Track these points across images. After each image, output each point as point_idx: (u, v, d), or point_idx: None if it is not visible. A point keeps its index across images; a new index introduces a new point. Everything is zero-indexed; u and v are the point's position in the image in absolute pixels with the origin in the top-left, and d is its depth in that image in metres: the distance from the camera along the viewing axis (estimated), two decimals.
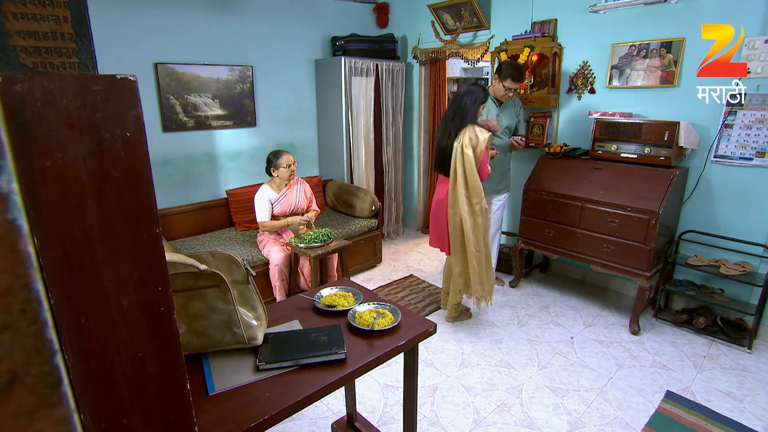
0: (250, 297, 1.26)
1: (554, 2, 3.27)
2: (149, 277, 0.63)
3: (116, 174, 0.58)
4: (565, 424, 2.04)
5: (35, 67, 1.15)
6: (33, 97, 0.49)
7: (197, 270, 1.12)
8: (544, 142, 3.47)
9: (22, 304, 0.49)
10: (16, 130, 0.48)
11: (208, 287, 1.14)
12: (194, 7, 3.27)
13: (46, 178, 0.51)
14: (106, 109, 0.55)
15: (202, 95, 3.42)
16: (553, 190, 3.07)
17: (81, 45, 1.22)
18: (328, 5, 4.09)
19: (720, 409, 2.12)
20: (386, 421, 2.08)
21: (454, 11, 3.80)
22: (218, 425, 0.97)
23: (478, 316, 3.04)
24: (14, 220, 0.48)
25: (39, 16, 1.13)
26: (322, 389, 1.11)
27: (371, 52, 4.06)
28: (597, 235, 2.86)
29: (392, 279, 3.67)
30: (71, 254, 0.55)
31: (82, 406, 0.56)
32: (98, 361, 0.59)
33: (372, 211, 3.75)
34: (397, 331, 1.37)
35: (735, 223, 2.73)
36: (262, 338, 1.23)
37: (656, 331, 2.83)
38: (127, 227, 0.60)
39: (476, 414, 2.11)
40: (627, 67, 3.00)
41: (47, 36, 1.16)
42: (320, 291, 1.58)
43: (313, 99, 4.18)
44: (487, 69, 5.83)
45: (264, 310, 1.29)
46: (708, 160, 2.76)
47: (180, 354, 0.70)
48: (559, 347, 2.66)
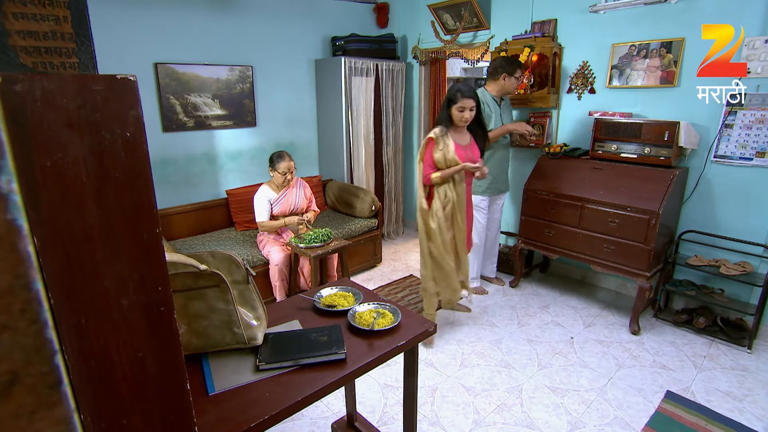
0: (250, 297, 1.26)
1: (554, 2, 3.27)
2: (149, 277, 0.63)
3: (116, 174, 0.58)
4: (565, 424, 2.04)
5: (35, 67, 1.15)
6: (33, 97, 0.49)
7: (197, 270, 1.12)
8: (544, 142, 3.47)
9: (22, 304, 0.49)
10: (16, 130, 0.48)
11: (208, 287, 1.14)
12: (194, 7, 3.27)
13: (46, 178, 0.51)
14: (106, 109, 0.55)
15: (202, 95, 3.42)
16: (553, 190, 3.07)
17: (81, 45, 1.22)
18: (328, 5, 4.09)
19: (720, 409, 2.12)
20: (386, 421, 2.08)
21: (454, 11, 3.80)
22: (218, 425, 0.97)
23: (478, 316, 3.04)
24: (14, 220, 0.48)
25: (39, 16, 1.13)
26: (322, 389, 1.11)
27: (371, 52, 4.05)
28: (597, 235, 2.86)
29: (392, 279, 3.67)
30: (71, 254, 0.55)
31: (82, 406, 0.56)
32: (98, 361, 0.59)
33: (372, 211, 3.75)
34: (397, 331, 1.37)
35: (735, 223, 2.73)
36: (262, 338, 1.23)
37: (656, 331, 2.83)
38: (127, 227, 0.60)
39: (476, 414, 2.11)
40: (627, 67, 3.00)
41: (47, 36, 1.16)
42: (320, 291, 1.58)
43: (313, 99, 4.18)
44: (487, 69, 5.82)
45: (264, 310, 1.29)
46: (708, 160, 2.76)
47: (180, 354, 0.70)
48: (559, 347, 2.66)
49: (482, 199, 3.13)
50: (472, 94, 2.39)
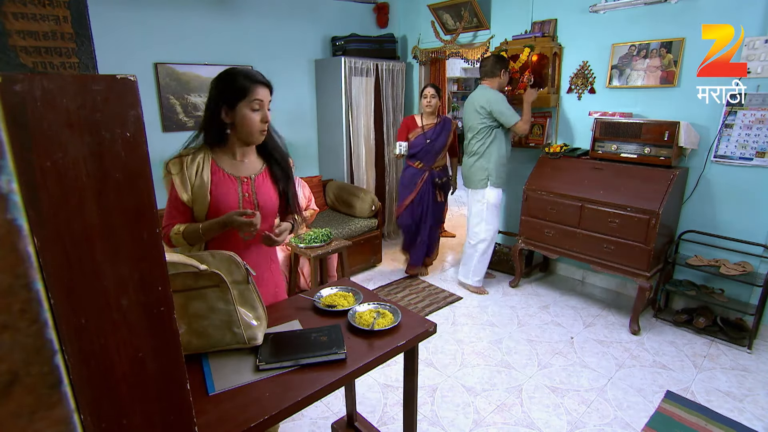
0: (250, 297, 1.25)
1: (554, 2, 3.27)
2: (149, 277, 0.63)
3: (116, 174, 0.58)
4: (565, 424, 2.04)
5: (35, 67, 1.15)
6: (33, 97, 0.49)
7: (197, 270, 1.12)
8: (544, 142, 3.47)
9: (22, 304, 0.49)
10: (16, 130, 0.48)
11: (208, 287, 1.14)
12: (194, 7, 3.27)
13: (46, 178, 0.51)
14: (106, 109, 0.55)
15: (203, 95, 3.42)
16: (553, 190, 3.07)
17: (81, 45, 1.22)
18: (328, 5, 4.08)
19: (720, 409, 2.12)
20: (386, 421, 2.08)
21: (454, 11, 3.80)
22: (218, 425, 0.97)
23: (478, 316, 3.04)
24: (14, 220, 0.48)
25: (39, 16, 1.13)
26: (322, 389, 1.11)
27: (371, 52, 4.05)
28: (597, 235, 2.86)
29: (392, 279, 3.67)
30: (71, 254, 0.55)
31: (82, 406, 0.56)
32: (98, 361, 0.59)
33: (372, 211, 3.75)
34: (397, 331, 1.37)
35: (735, 223, 2.73)
36: (262, 338, 1.23)
37: (656, 331, 2.83)
38: (127, 227, 0.60)
39: (476, 414, 2.11)
40: (627, 67, 3.00)
41: (47, 36, 1.16)
42: (320, 291, 1.58)
43: (313, 99, 4.18)
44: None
45: (264, 310, 1.29)
46: (708, 160, 2.76)
47: (180, 354, 0.70)
48: (559, 347, 2.66)
49: (491, 192, 3.19)
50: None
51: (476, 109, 3.11)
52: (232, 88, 1.33)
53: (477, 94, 3.16)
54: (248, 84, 1.33)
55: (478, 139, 3.16)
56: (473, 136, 3.19)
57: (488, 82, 3.14)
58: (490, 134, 3.13)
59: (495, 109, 3.04)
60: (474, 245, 3.32)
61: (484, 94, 3.10)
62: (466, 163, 3.28)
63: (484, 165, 3.17)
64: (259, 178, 1.47)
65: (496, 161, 3.15)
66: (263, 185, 1.47)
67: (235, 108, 1.33)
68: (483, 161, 3.17)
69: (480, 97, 3.11)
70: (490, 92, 3.08)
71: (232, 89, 1.33)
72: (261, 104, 1.36)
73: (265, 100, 1.37)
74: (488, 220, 3.25)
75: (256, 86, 1.34)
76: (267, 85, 1.39)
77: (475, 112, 3.13)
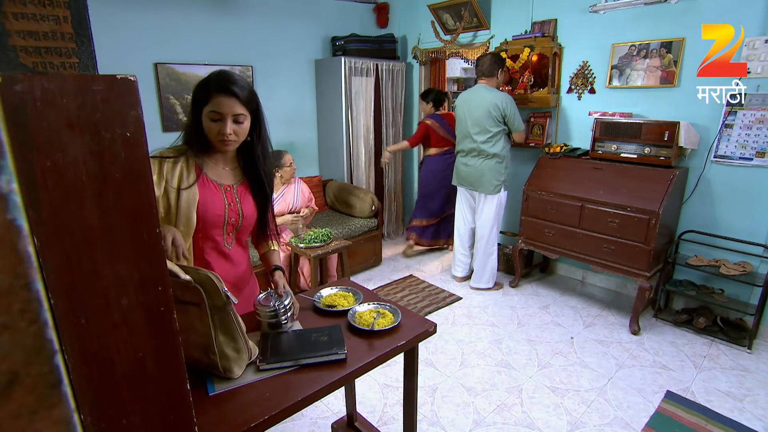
0: (231, 326, 1.10)
1: (554, 2, 3.27)
2: (149, 277, 0.63)
3: (116, 174, 0.58)
4: (565, 424, 2.04)
5: (35, 67, 1.15)
6: (33, 97, 0.49)
7: (182, 280, 1.01)
8: (544, 142, 3.47)
9: (22, 304, 0.49)
10: (16, 130, 0.48)
11: (190, 303, 1.05)
12: (194, 7, 3.27)
13: (46, 178, 0.51)
14: (106, 109, 0.55)
15: None
16: (553, 190, 3.07)
17: (81, 45, 1.22)
18: (328, 5, 4.09)
19: (720, 409, 2.12)
20: (386, 421, 2.08)
21: (454, 11, 3.80)
22: (218, 425, 0.97)
23: (478, 316, 3.04)
24: (14, 220, 0.48)
25: (39, 16, 1.13)
26: (322, 389, 1.11)
27: (371, 52, 4.05)
28: (597, 235, 2.86)
29: (392, 279, 3.67)
30: (71, 254, 0.55)
31: (82, 406, 0.56)
32: (98, 361, 0.59)
33: (372, 211, 3.75)
34: (397, 331, 1.37)
35: (735, 223, 2.73)
36: (240, 372, 1.13)
37: (656, 331, 2.83)
38: (127, 227, 0.60)
39: (476, 414, 2.11)
40: (627, 67, 3.00)
41: (47, 36, 1.16)
42: (320, 291, 1.58)
43: (313, 99, 4.18)
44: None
45: (245, 342, 1.14)
46: (708, 160, 2.76)
47: (180, 354, 0.70)
48: (559, 347, 2.66)
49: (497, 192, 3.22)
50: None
51: (489, 109, 3.02)
52: (196, 93, 1.26)
53: (485, 95, 3.05)
54: (207, 93, 1.23)
55: (492, 143, 3.09)
56: (487, 139, 3.09)
57: (487, 82, 3.11)
58: (502, 137, 3.11)
59: (510, 113, 3.02)
60: (488, 252, 3.32)
61: (494, 95, 3.03)
62: (472, 164, 3.20)
63: (500, 170, 3.14)
64: (241, 188, 1.40)
65: (507, 164, 3.17)
66: (245, 196, 1.41)
67: (201, 114, 1.26)
68: (499, 165, 3.13)
69: (491, 98, 3.02)
70: (499, 94, 3.04)
71: (196, 95, 1.26)
72: (220, 116, 1.23)
73: (227, 113, 1.23)
74: (499, 224, 3.30)
75: (217, 96, 1.22)
76: (236, 95, 1.23)
77: (487, 113, 3.03)
